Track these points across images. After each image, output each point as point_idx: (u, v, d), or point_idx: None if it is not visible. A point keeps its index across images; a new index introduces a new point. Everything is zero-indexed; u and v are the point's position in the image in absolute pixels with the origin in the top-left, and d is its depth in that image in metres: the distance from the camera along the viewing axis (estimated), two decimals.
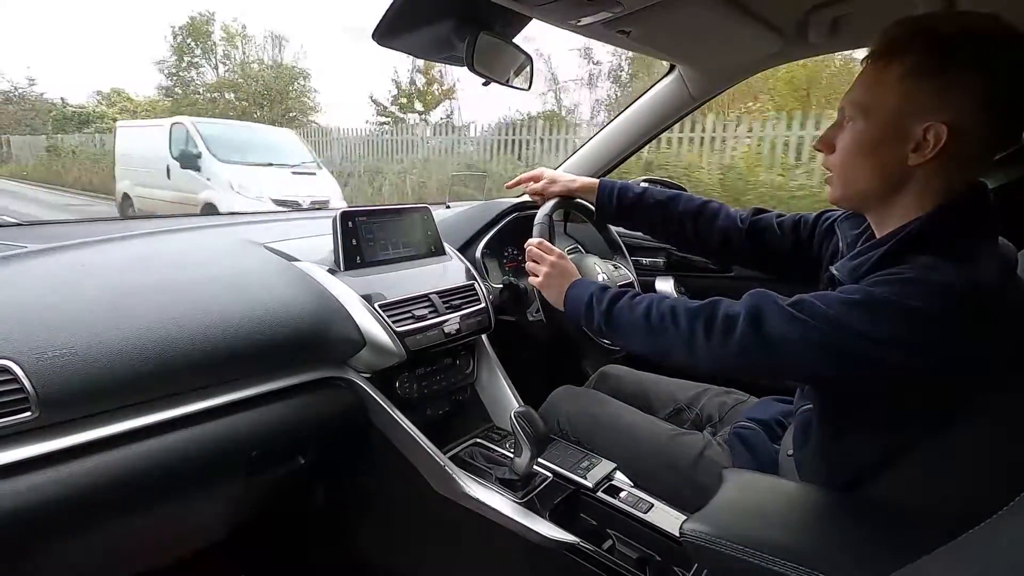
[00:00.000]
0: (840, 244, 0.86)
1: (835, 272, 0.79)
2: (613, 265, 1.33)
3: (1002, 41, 0.64)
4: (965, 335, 0.62)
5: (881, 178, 0.71)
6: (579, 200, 1.26)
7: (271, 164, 6.71)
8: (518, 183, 1.27)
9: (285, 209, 5.66)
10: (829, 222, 0.93)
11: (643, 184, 1.19)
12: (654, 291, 1.65)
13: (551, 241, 1.11)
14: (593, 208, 1.23)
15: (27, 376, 0.67)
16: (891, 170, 0.70)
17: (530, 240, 1.09)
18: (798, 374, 0.81)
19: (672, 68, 1.46)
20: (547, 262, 1.03)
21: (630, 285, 1.30)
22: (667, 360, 0.86)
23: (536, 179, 1.24)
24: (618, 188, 1.15)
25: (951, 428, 0.64)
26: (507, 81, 1.22)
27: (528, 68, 1.24)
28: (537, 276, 1.05)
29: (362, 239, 1.14)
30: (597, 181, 1.19)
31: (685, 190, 1.76)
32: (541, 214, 1.14)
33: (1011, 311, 0.64)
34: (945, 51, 0.65)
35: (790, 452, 0.90)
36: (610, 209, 1.16)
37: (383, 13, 1.02)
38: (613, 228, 1.37)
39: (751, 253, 1.05)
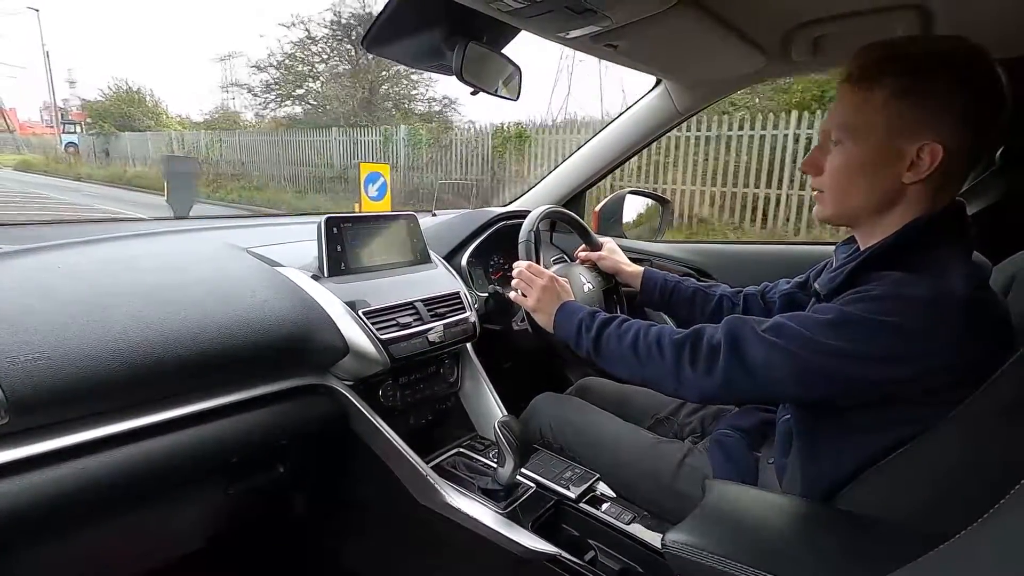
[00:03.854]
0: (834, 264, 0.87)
1: (817, 287, 0.81)
2: (597, 271, 1.33)
3: (973, 60, 0.67)
4: (940, 345, 0.64)
5: (876, 197, 0.74)
6: (565, 211, 1.29)
7: None
8: (583, 251, 1.34)
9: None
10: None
11: (677, 276, 1.24)
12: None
13: (538, 252, 1.11)
14: (579, 220, 1.31)
15: None
16: (886, 189, 0.72)
17: (518, 263, 1.09)
18: (783, 397, 0.84)
19: (658, 82, 1.48)
20: (537, 285, 1.03)
21: (614, 290, 1.31)
22: (657, 389, 0.86)
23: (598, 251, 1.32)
24: (660, 279, 1.22)
25: (927, 441, 0.65)
26: (495, 91, 1.23)
27: (517, 78, 1.25)
28: (527, 299, 1.05)
29: (347, 245, 1.13)
30: (643, 269, 1.25)
31: (669, 201, 1.80)
32: (525, 231, 1.14)
33: (982, 320, 0.65)
34: (923, 73, 0.68)
35: (771, 460, 0.90)
36: (654, 295, 1.22)
37: (373, 20, 1.03)
38: (598, 235, 1.38)
39: None
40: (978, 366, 0.64)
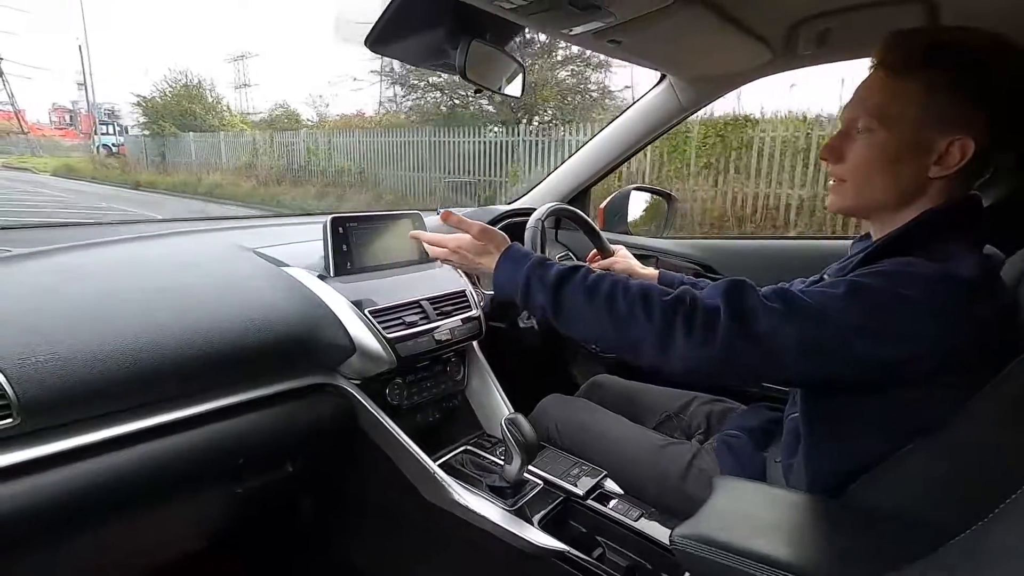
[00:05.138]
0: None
1: (826, 276, 0.82)
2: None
3: (1011, 57, 0.65)
4: (944, 325, 0.63)
5: (899, 189, 0.72)
6: (578, 212, 1.32)
7: None
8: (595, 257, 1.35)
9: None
10: None
11: (690, 277, 1.24)
12: None
13: (543, 248, 1.12)
14: (591, 223, 1.34)
15: (9, 382, 0.65)
16: (910, 181, 0.71)
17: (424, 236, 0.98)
18: (782, 373, 0.70)
19: (663, 78, 1.48)
20: (453, 245, 0.91)
21: None
22: (632, 356, 0.74)
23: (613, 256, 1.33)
24: (677, 282, 1.20)
25: (935, 436, 0.65)
26: (499, 89, 1.23)
27: (520, 76, 1.25)
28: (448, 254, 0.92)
29: (352, 245, 1.14)
30: (657, 272, 1.24)
31: (675, 197, 1.79)
32: (534, 218, 1.15)
33: (989, 305, 0.65)
34: (966, 66, 0.66)
35: (778, 459, 0.90)
36: None
37: (376, 19, 1.03)
38: (605, 234, 1.38)
39: None
40: (982, 355, 0.63)
